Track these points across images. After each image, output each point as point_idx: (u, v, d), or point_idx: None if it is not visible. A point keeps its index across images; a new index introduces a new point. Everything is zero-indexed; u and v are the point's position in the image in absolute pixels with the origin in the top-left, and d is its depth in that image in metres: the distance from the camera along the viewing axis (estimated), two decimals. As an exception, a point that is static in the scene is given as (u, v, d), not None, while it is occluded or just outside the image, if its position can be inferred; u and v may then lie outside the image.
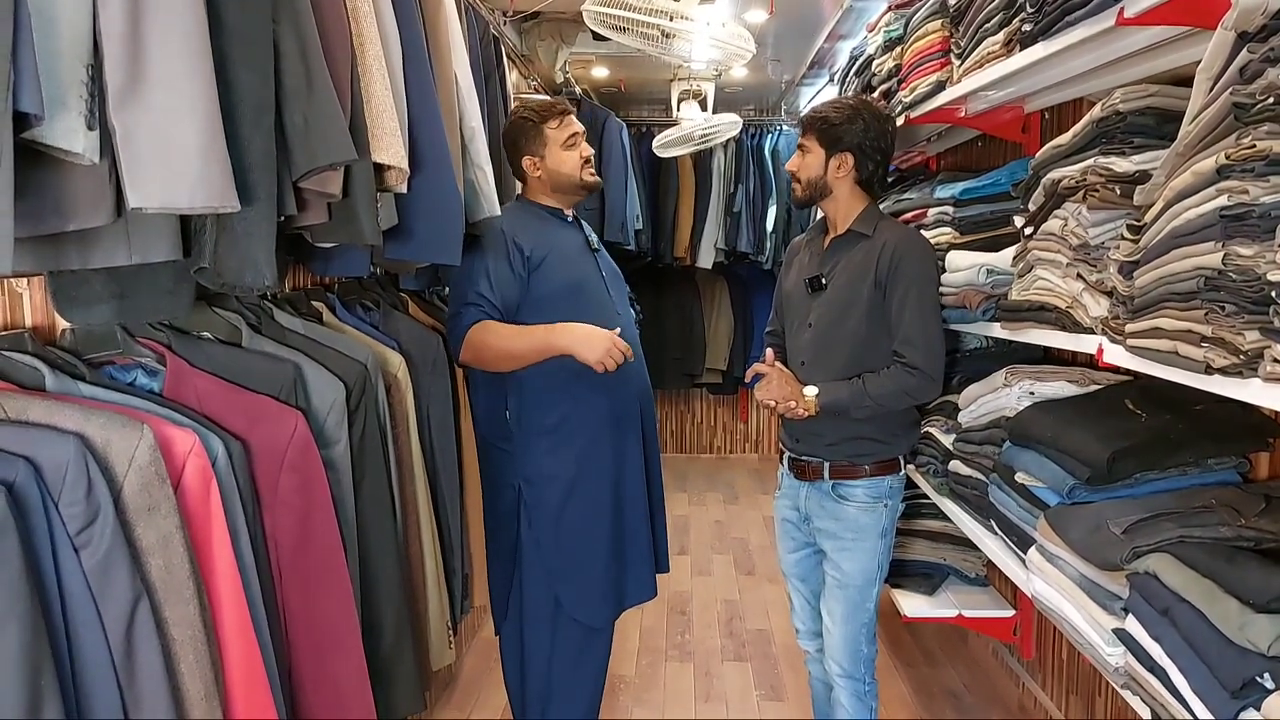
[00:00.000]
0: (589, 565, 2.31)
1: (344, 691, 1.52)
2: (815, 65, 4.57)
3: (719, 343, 6.02)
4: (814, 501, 2.22)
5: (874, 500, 2.17)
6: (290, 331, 1.74)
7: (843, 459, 2.17)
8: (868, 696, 2.23)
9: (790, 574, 2.39)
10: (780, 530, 2.38)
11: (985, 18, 2.11)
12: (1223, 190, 1.14)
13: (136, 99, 1.00)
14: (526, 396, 2.27)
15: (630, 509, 2.38)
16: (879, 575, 2.20)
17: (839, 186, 2.18)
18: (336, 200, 1.42)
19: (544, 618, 2.32)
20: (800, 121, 2.26)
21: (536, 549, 2.30)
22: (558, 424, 2.27)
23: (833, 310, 2.15)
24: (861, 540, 2.17)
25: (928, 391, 2.11)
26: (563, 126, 2.33)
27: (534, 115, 2.35)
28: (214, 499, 1.23)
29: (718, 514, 5.23)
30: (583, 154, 2.36)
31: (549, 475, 2.27)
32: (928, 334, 2.08)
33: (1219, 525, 1.41)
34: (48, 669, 0.96)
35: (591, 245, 2.44)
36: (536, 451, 2.27)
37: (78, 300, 1.26)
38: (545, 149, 2.33)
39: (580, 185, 2.37)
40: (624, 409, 2.35)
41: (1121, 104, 1.54)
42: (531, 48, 4.08)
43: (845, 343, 2.13)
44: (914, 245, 2.14)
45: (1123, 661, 1.45)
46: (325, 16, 1.37)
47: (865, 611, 2.19)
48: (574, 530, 2.29)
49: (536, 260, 2.25)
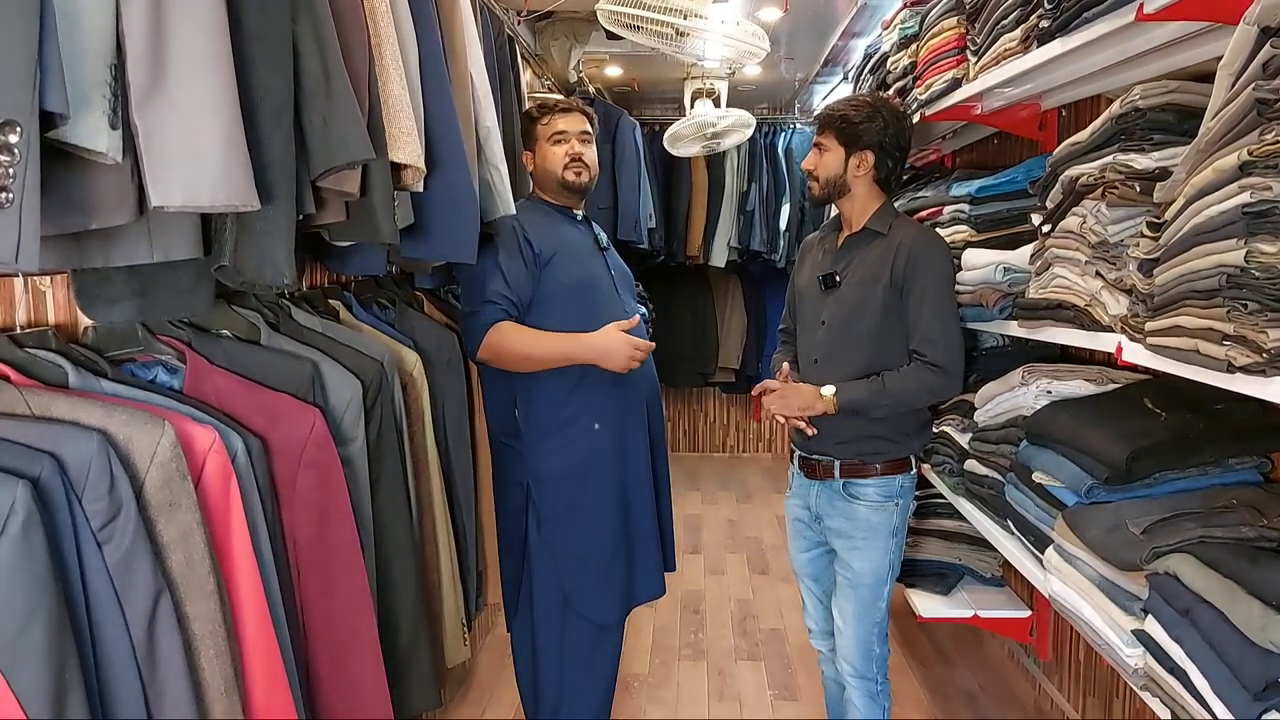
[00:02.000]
0: (598, 563, 2.32)
1: (361, 687, 1.53)
2: (829, 63, 4.56)
3: (732, 341, 6.01)
4: (824, 500, 2.22)
5: (885, 499, 2.16)
6: (308, 330, 1.75)
7: (853, 457, 2.16)
8: (880, 696, 2.22)
9: (802, 574, 2.38)
10: (791, 530, 2.37)
11: (1002, 14, 2.10)
12: (1245, 187, 1.13)
13: (159, 99, 1.01)
14: (536, 394, 2.28)
15: (638, 507, 2.38)
16: (890, 574, 2.19)
17: (857, 185, 2.17)
18: (354, 199, 1.43)
19: (554, 615, 2.33)
20: (817, 119, 2.23)
21: (545, 547, 2.30)
22: (566, 422, 2.28)
23: (847, 308, 2.14)
24: (872, 539, 2.16)
25: (949, 389, 2.10)
26: (550, 123, 2.33)
27: (533, 111, 2.38)
28: (234, 495, 1.24)
29: (730, 513, 5.22)
30: (569, 151, 2.33)
31: (557, 474, 2.28)
32: (947, 331, 2.07)
33: (1240, 525, 1.40)
34: (72, 662, 0.97)
35: (601, 244, 2.43)
36: (545, 449, 2.28)
37: (100, 298, 1.27)
38: (536, 143, 2.36)
39: (560, 182, 2.34)
40: (632, 407, 2.36)
41: (1141, 100, 1.53)
42: (545, 47, 4.08)
43: (859, 341, 2.12)
44: (931, 243, 2.13)
45: (1142, 663, 1.44)
46: (344, 17, 1.38)
47: (877, 611, 2.18)
48: (582, 528, 2.30)
49: (546, 257, 2.26)
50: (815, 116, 2.30)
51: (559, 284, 2.26)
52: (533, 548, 2.32)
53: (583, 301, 2.27)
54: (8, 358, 1.18)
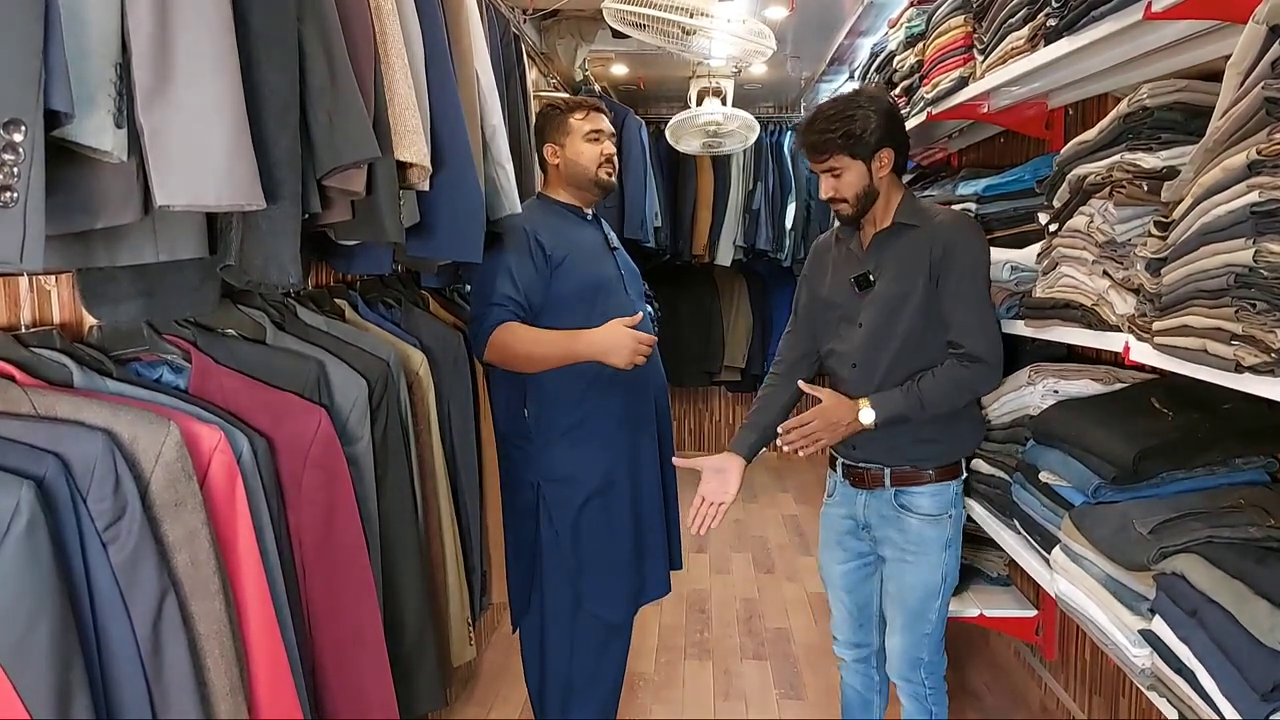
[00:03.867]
0: (609, 562, 2.32)
1: (367, 687, 1.53)
2: (835, 62, 4.55)
3: (737, 341, 6.00)
4: (874, 511, 2.11)
5: (939, 513, 2.06)
6: (313, 329, 1.76)
7: (905, 464, 2.05)
8: (928, 701, 2.17)
9: (835, 584, 2.27)
10: (830, 540, 2.25)
11: (1009, 13, 2.09)
12: (1254, 186, 1.12)
13: (164, 98, 1.01)
14: (545, 396, 2.28)
15: (647, 506, 2.39)
16: (944, 588, 2.10)
17: (883, 184, 2.04)
18: (360, 198, 1.43)
19: (564, 614, 2.33)
20: (810, 149, 2.03)
21: (556, 547, 2.30)
22: (576, 424, 2.28)
23: (886, 307, 2.02)
24: (924, 554, 2.07)
25: (989, 381, 2.01)
26: (588, 119, 2.33)
27: (563, 104, 2.36)
28: (239, 495, 1.24)
29: (736, 512, 5.21)
30: (604, 152, 2.34)
31: (568, 475, 2.28)
32: (985, 320, 1.98)
33: (1248, 525, 1.39)
34: (77, 662, 0.97)
35: (610, 244, 2.43)
36: (555, 451, 2.28)
37: (105, 297, 1.28)
38: (567, 137, 2.33)
39: (594, 181, 2.35)
40: (640, 408, 2.36)
41: (1149, 99, 1.52)
42: (551, 46, 4.08)
43: (898, 339, 2.01)
44: (967, 229, 2.03)
45: (1149, 663, 1.44)
46: (349, 16, 1.38)
47: (926, 623, 2.11)
48: (593, 528, 2.30)
49: (558, 259, 2.24)
50: (803, 144, 2.05)
51: (570, 287, 2.26)
52: (545, 548, 2.32)
53: (594, 304, 2.26)
54: (13, 357, 1.18)
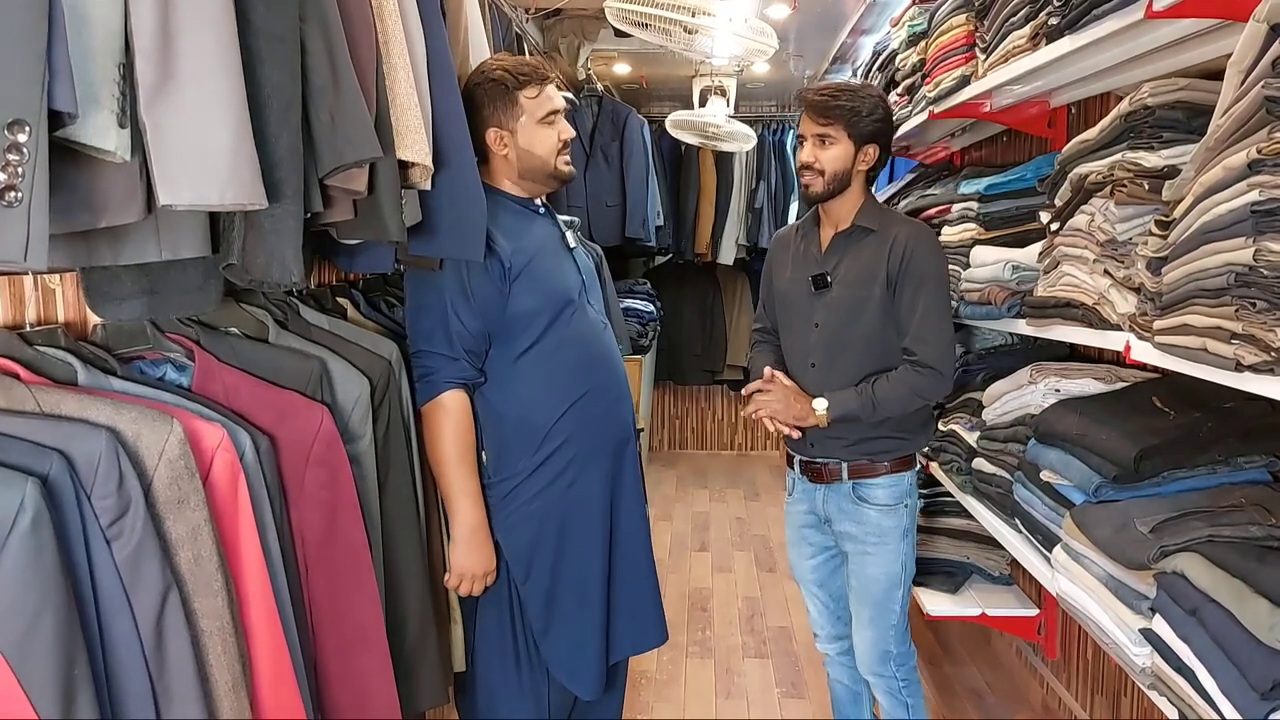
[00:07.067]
0: (579, 640, 2.00)
1: (369, 684, 1.53)
2: (838, 60, 4.55)
3: (740, 339, 6.01)
4: (833, 504, 2.18)
5: (895, 502, 2.13)
6: (316, 328, 1.76)
7: (861, 458, 2.12)
8: (903, 693, 2.20)
9: (807, 580, 2.33)
10: (795, 536, 2.31)
11: (1011, 11, 2.09)
12: (1254, 185, 1.12)
13: (167, 97, 1.01)
14: (506, 441, 1.96)
15: (630, 559, 2.07)
16: (904, 576, 2.16)
17: (857, 180, 2.08)
18: (362, 197, 1.43)
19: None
20: (813, 105, 2.02)
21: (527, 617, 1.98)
22: (538, 467, 1.95)
23: (843, 309, 2.08)
24: (884, 544, 2.13)
25: (938, 390, 2.06)
26: (541, 98, 1.92)
27: (508, 77, 1.90)
28: (242, 493, 1.24)
29: (738, 510, 5.22)
30: (562, 135, 1.96)
31: (534, 541, 1.96)
32: (940, 330, 2.03)
33: (1249, 524, 1.39)
34: (81, 658, 0.98)
35: (568, 243, 2.08)
36: (516, 503, 1.96)
37: (109, 296, 1.28)
38: (518, 122, 1.92)
39: (552, 174, 1.98)
40: (616, 453, 2.03)
41: (1150, 98, 1.52)
42: (553, 45, 4.09)
43: (859, 342, 2.07)
44: (924, 239, 2.07)
45: (1149, 662, 1.44)
46: (351, 15, 1.38)
47: (891, 614, 2.16)
48: (564, 605, 1.98)
49: (517, 269, 1.90)
50: (809, 100, 2.01)
51: (526, 305, 1.92)
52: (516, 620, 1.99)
53: (551, 326, 1.94)
54: (17, 355, 1.19)
